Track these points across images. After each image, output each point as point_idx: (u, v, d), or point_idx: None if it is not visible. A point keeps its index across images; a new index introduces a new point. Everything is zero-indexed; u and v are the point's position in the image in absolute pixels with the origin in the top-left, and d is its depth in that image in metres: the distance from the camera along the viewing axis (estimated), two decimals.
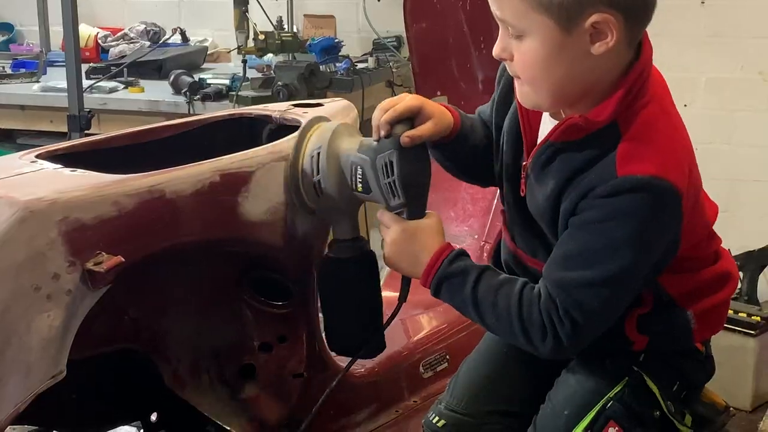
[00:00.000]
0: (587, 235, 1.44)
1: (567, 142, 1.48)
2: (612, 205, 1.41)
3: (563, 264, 1.47)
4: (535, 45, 1.43)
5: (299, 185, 1.68)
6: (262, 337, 1.83)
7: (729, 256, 1.66)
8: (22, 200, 1.41)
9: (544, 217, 1.53)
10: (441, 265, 1.54)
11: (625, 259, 1.43)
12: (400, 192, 1.56)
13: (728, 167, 3.85)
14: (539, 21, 1.41)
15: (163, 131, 1.86)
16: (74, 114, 3.42)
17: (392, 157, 1.55)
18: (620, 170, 1.41)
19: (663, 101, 1.50)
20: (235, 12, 3.86)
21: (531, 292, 1.49)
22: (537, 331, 1.48)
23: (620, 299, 1.48)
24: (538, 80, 1.46)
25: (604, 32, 1.40)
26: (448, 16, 2.58)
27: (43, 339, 1.41)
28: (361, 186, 1.61)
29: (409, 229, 1.58)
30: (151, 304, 1.71)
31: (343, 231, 1.71)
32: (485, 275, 1.53)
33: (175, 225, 1.56)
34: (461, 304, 1.55)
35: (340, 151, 1.64)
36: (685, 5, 3.83)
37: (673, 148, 1.46)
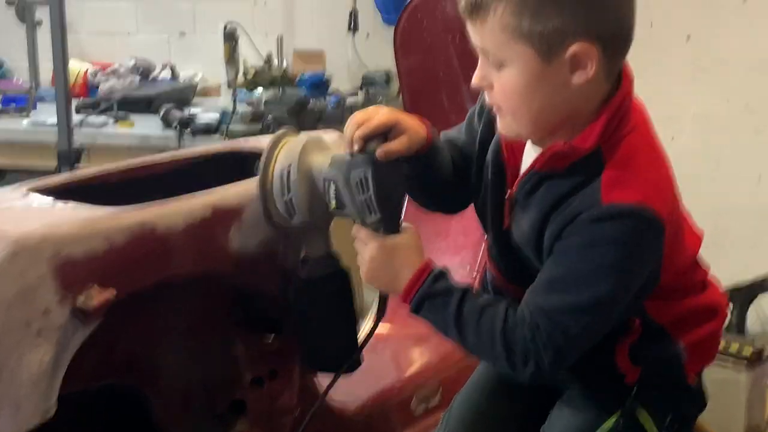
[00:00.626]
0: (571, 260, 1.44)
1: (551, 171, 1.49)
2: (596, 232, 1.42)
3: (546, 288, 1.47)
4: (515, 74, 1.44)
5: (268, 205, 1.64)
6: (253, 371, 1.82)
7: (717, 287, 1.67)
8: (13, 235, 1.41)
9: (529, 245, 1.53)
10: (424, 283, 1.52)
11: (607, 286, 1.43)
12: (376, 208, 1.53)
13: (715, 200, 3.86)
14: (520, 51, 1.42)
15: (155, 165, 1.87)
16: (64, 149, 3.42)
17: (367, 174, 1.52)
18: (605, 197, 1.42)
19: (645, 130, 1.51)
20: (225, 47, 3.88)
21: (514, 316, 1.48)
22: (520, 354, 1.47)
23: (601, 325, 1.48)
24: (518, 109, 1.47)
25: (584, 63, 1.42)
26: (438, 50, 2.59)
27: (34, 374, 1.41)
28: (335, 202, 1.57)
29: (388, 245, 1.55)
30: (142, 339, 1.70)
31: (316, 248, 1.68)
32: (469, 295, 1.52)
33: (166, 259, 1.56)
34: (442, 323, 1.53)
35: (312, 167, 1.60)
36: (671, 40, 3.86)
37: (656, 176, 1.47)
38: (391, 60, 3.03)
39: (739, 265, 3.73)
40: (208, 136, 3.65)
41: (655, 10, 3.74)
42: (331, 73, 4.11)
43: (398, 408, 2.13)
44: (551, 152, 1.47)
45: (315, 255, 1.68)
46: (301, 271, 1.68)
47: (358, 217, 1.56)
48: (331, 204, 1.58)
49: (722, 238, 3.92)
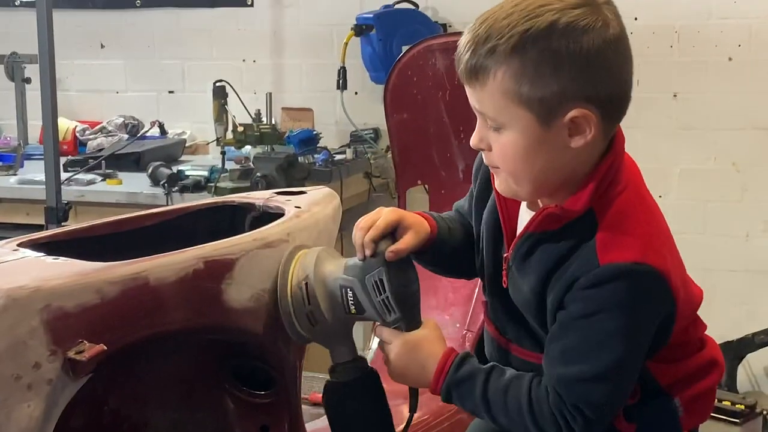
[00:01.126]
0: (578, 329, 1.45)
1: (546, 233, 1.49)
2: (597, 297, 1.42)
3: (561, 360, 1.47)
4: (515, 138, 1.45)
5: (292, 318, 1.65)
6: (243, 428, 1.79)
7: (714, 343, 1.67)
8: (3, 288, 1.39)
9: (530, 309, 1.53)
10: (449, 371, 1.54)
11: (619, 350, 1.43)
12: (394, 307, 1.56)
13: (702, 257, 3.87)
14: (519, 115, 1.43)
15: (145, 219, 1.86)
16: (52, 206, 3.41)
17: (381, 275, 1.55)
18: (602, 259, 1.42)
19: (637, 188, 1.52)
20: (214, 104, 3.90)
21: (538, 390, 1.49)
22: (551, 427, 1.48)
23: (623, 387, 1.49)
24: (518, 172, 1.48)
25: (582, 127, 1.43)
26: (428, 106, 2.61)
27: (23, 429, 1.38)
28: (354, 308, 1.60)
29: (411, 341, 1.57)
30: (132, 394, 1.68)
31: (341, 354, 1.69)
32: (492, 376, 1.53)
33: (158, 312, 1.54)
34: (473, 407, 1.55)
35: (327, 276, 1.63)
36: (658, 98, 3.90)
37: (650, 233, 1.48)
38: (380, 118, 3.06)
39: (728, 323, 3.74)
40: (196, 193, 3.65)
41: (642, 69, 3.75)
42: (320, 130, 4.13)
43: None
44: (544, 214, 1.48)
45: (341, 360, 1.69)
46: (330, 378, 1.70)
47: (378, 318, 1.59)
48: (351, 310, 1.60)
49: (710, 296, 3.86)
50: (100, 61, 4.73)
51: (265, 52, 4.49)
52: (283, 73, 4.47)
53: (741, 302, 3.94)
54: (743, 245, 3.94)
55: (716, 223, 3.95)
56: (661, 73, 3.87)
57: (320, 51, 4.38)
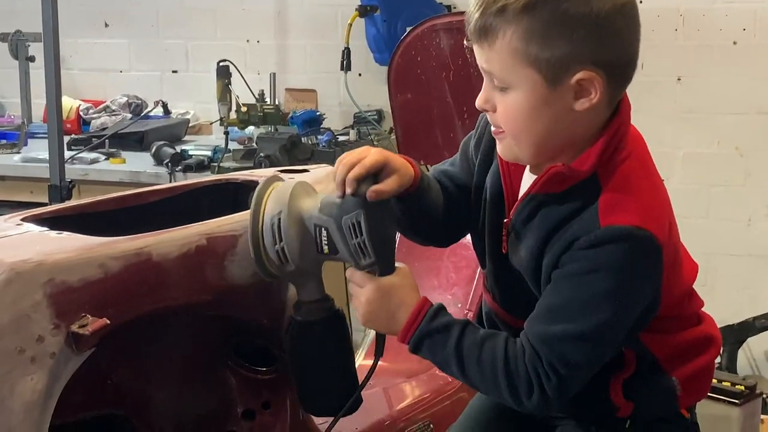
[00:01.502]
0: (570, 288, 1.44)
1: (549, 195, 1.49)
2: (594, 257, 1.42)
3: (546, 318, 1.47)
4: (520, 98, 1.45)
5: (261, 255, 1.60)
6: (245, 403, 1.80)
7: (712, 321, 1.67)
8: (7, 261, 1.40)
9: (527, 271, 1.53)
10: (422, 321, 1.52)
11: (607, 312, 1.43)
12: (370, 251, 1.53)
13: (705, 241, 3.88)
14: (526, 75, 1.43)
15: (149, 196, 1.86)
16: (55, 184, 3.42)
17: (359, 218, 1.51)
18: (603, 221, 1.43)
19: (642, 157, 1.52)
20: (218, 84, 3.90)
21: (515, 347, 1.48)
22: (523, 385, 1.47)
23: (603, 352, 1.48)
24: (520, 133, 1.48)
25: (588, 89, 1.43)
26: (432, 86, 2.60)
27: (26, 402, 1.39)
28: (328, 248, 1.56)
29: (383, 286, 1.55)
30: (135, 369, 1.69)
31: (309, 292, 1.66)
32: (468, 330, 1.52)
33: (161, 288, 1.55)
34: (442, 360, 1.52)
35: (302, 212, 1.58)
36: (662, 82, 3.90)
37: (652, 201, 1.48)
38: (383, 99, 3.05)
39: (729, 307, 3.74)
40: (199, 173, 3.65)
41: (647, 52, 3.75)
42: (323, 111, 4.13)
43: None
44: (550, 173, 1.47)
45: (308, 299, 1.66)
46: (295, 316, 1.67)
47: (351, 260, 1.56)
48: (324, 249, 1.57)
49: (712, 281, 3.93)
50: (104, 40, 4.73)
51: (269, 33, 4.48)
52: (287, 53, 4.47)
53: (742, 286, 3.94)
54: (745, 230, 3.94)
55: (719, 207, 3.95)
56: (665, 57, 3.87)
57: (324, 32, 4.37)
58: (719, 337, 1.67)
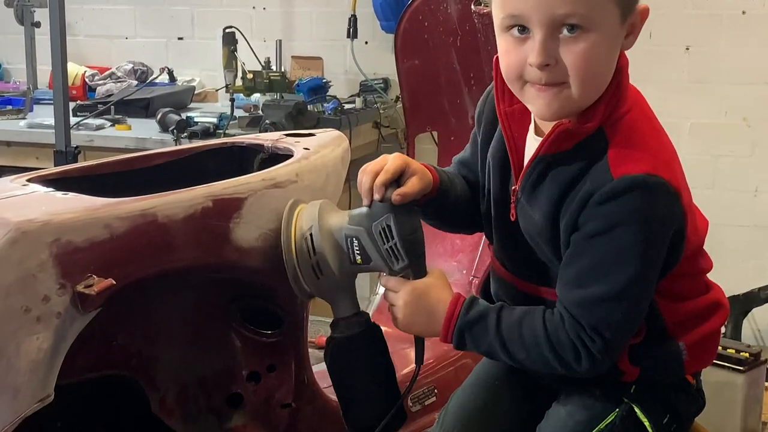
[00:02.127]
0: (594, 249, 1.44)
1: (557, 155, 1.48)
2: (612, 211, 1.42)
3: (577, 282, 1.47)
4: (599, 38, 1.42)
5: (296, 272, 1.62)
6: (250, 366, 1.81)
7: (719, 288, 1.67)
8: (13, 221, 1.40)
9: (542, 235, 1.52)
10: (459, 315, 1.54)
11: (636, 265, 1.43)
12: (402, 254, 1.55)
13: (711, 212, 3.81)
14: (609, 11, 1.42)
15: (155, 158, 1.86)
16: (61, 150, 3.42)
17: (389, 221, 1.54)
18: (615, 172, 1.42)
19: (643, 108, 1.52)
20: (224, 51, 3.89)
21: (553, 318, 1.49)
22: (570, 353, 1.48)
23: (641, 306, 1.48)
24: (594, 77, 1.45)
25: (637, 27, 1.45)
26: (439, 53, 2.58)
27: (32, 361, 1.40)
28: (360, 257, 1.58)
29: (419, 288, 1.57)
30: (140, 331, 1.69)
31: (344, 308, 1.67)
32: (504, 313, 1.53)
33: (166, 249, 1.55)
34: (489, 348, 1.54)
35: (332, 226, 1.61)
36: (670, 52, 3.88)
37: (660, 149, 1.48)
38: (389, 67, 3.04)
39: (735, 278, 3.73)
40: (205, 140, 3.64)
41: (655, 22, 3.73)
42: (329, 79, 4.12)
43: None
44: (558, 131, 1.47)
45: (345, 315, 1.67)
46: (334, 334, 1.68)
47: (385, 267, 1.58)
48: (357, 259, 1.59)
49: (718, 251, 3.89)
50: (109, 6, 4.71)
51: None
52: (294, 20, 4.45)
53: (749, 257, 3.94)
54: (752, 200, 3.93)
55: (726, 178, 3.94)
56: (673, 26, 3.84)
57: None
58: (727, 304, 1.67)
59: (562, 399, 1.64)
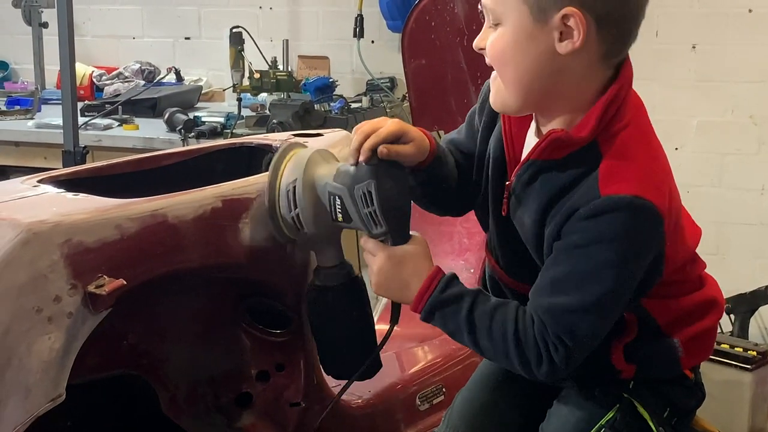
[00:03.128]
0: (571, 259, 1.45)
1: (549, 162, 1.49)
2: (594, 228, 1.42)
3: (550, 290, 1.47)
4: (509, 31, 1.46)
5: (278, 220, 1.64)
6: (259, 365, 1.82)
7: (714, 283, 1.67)
8: (25, 222, 1.41)
9: (529, 239, 1.53)
10: (434, 291, 1.53)
11: (609, 282, 1.44)
12: (381, 220, 1.54)
13: (718, 210, 3.88)
14: (515, 6, 1.45)
15: (164, 159, 1.87)
16: (69, 150, 3.43)
17: (370, 188, 1.52)
18: (603, 190, 1.43)
19: (642, 125, 1.52)
20: (231, 50, 3.90)
21: (524, 317, 1.49)
22: (533, 355, 1.48)
23: (607, 321, 1.49)
24: (506, 69, 1.49)
25: (572, 31, 1.43)
26: (446, 52, 2.59)
27: (44, 361, 1.41)
28: (341, 216, 1.58)
29: (396, 255, 1.56)
30: (150, 331, 1.70)
31: (327, 258, 1.68)
32: (479, 300, 1.52)
33: (176, 249, 1.56)
34: (455, 329, 1.53)
35: (316, 180, 1.60)
36: (676, 50, 3.88)
37: (652, 170, 1.48)
38: (396, 66, 3.04)
39: (741, 276, 3.74)
40: (212, 140, 3.65)
41: (661, 20, 3.76)
42: (336, 78, 4.12)
43: (402, 405, 2.12)
44: (550, 139, 1.47)
45: (326, 265, 1.68)
46: (314, 282, 1.69)
47: (364, 229, 1.57)
48: (338, 217, 1.58)
49: (725, 249, 3.93)
50: (117, 6, 4.72)
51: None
52: (300, 20, 4.45)
53: (755, 255, 3.93)
54: (759, 198, 3.92)
55: (732, 176, 3.93)
56: (680, 24, 3.84)
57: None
58: (722, 299, 1.67)
59: (563, 397, 1.65)
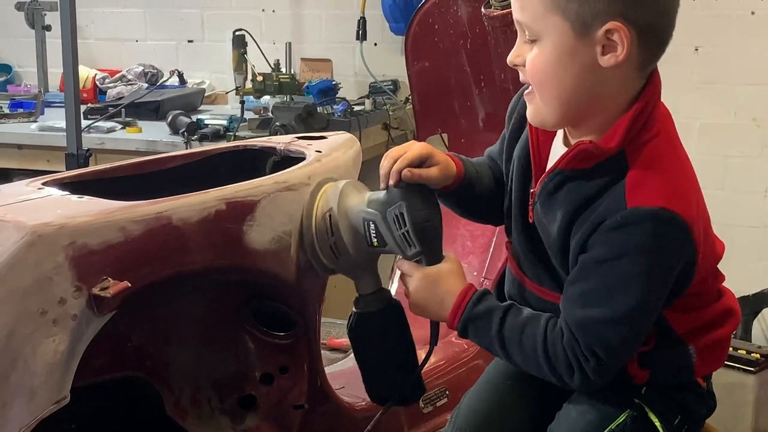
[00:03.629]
0: (600, 273, 1.45)
1: (575, 171, 1.49)
2: (622, 240, 1.42)
3: (580, 302, 1.48)
4: (549, 48, 1.44)
5: (315, 249, 1.70)
6: (263, 367, 1.82)
7: (731, 293, 1.67)
8: (29, 224, 1.42)
9: (554, 246, 1.53)
10: (466, 307, 1.56)
11: (639, 294, 1.44)
12: (414, 241, 1.58)
13: (721, 213, 3.83)
14: (555, 23, 1.43)
15: (168, 161, 1.87)
16: (72, 153, 3.43)
17: (402, 209, 1.57)
18: (630, 201, 1.42)
19: (670, 136, 1.51)
20: (234, 53, 3.90)
21: (554, 330, 1.51)
22: (563, 367, 1.50)
23: (640, 332, 1.50)
24: (546, 87, 1.47)
25: (615, 44, 1.42)
26: (449, 55, 2.59)
27: (48, 363, 1.41)
28: (377, 240, 1.63)
29: (431, 275, 1.59)
30: (155, 332, 1.71)
31: (365, 285, 1.73)
32: (510, 314, 1.55)
33: (181, 252, 1.56)
34: (488, 344, 1.57)
35: (350, 208, 1.66)
36: (679, 52, 3.86)
37: (680, 180, 1.47)
38: (399, 69, 3.04)
39: (745, 278, 3.72)
40: (215, 143, 3.65)
41: None
42: (338, 81, 4.12)
43: (406, 407, 2.12)
44: (577, 150, 1.47)
45: (366, 292, 1.73)
46: (355, 309, 1.74)
47: (399, 251, 1.61)
48: (373, 242, 1.63)
49: (728, 252, 3.87)
50: (119, 9, 4.72)
51: (284, 2, 4.46)
52: (303, 23, 4.45)
53: (759, 258, 3.93)
54: (762, 201, 3.92)
55: (735, 178, 3.93)
56: (682, 27, 3.78)
57: (340, 1, 4.35)
58: (738, 309, 1.67)
59: (572, 400, 1.65)
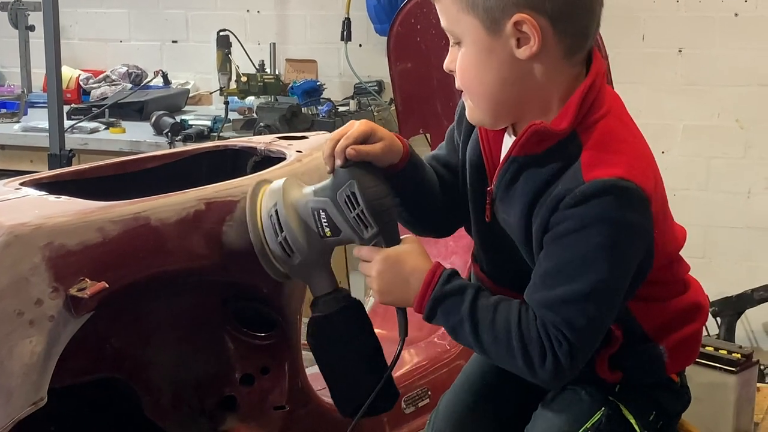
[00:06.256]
0: (562, 249, 1.43)
1: (529, 156, 1.48)
2: (582, 214, 1.40)
3: (543, 283, 1.45)
4: (469, 49, 1.46)
5: (266, 251, 1.59)
6: (243, 368, 1.81)
7: (699, 287, 1.66)
8: (6, 225, 1.41)
9: (518, 238, 1.52)
10: (436, 285, 1.49)
11: (603, 267, 1.41)
12: (370, 221, 1.51)
13: (705, 214, 3.89)
14: (469, 23, 1.44)
15: (148, 161, 1.87)
16: (55, 153, 3.42)
17: (353, 188, 1.49)
18: (587, 176, 1.41)
19: (620, 113, 1.51)
20: (218, 54, 3.90)
21: (528, 313, 1.46)
22: (536, 349, 1.44)
23: (606, 310, 1.46)
24: (472, 87, 1.48)
25: (528, 36, 1.42)
26: (432, 56, 2.58)
27: (25, 365, 1.40)
28: (329, 229, 1.54)
29: (392, 255, 1.52)
30: (134, 334, 1.69)
31: (321, 286, 1.63)
32: (482, 294, 1.50)
33: (159, 252, 1.55)
34: (457, 323, 1.49)
35: (296, 201, 1.57)
36: (662, 54, 3.88)
37: (636, 155, 1.47)
38: (383, 70, 3.03)
39: (728, 279, 3.75)
40: (199, 143, 3.64)
41: (648, 23, 3.76)
42: (323, 82, 4.13)
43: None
44: (531, 131, 1.46)
45: (322, 293, 1.63)
46: (313, 314, 1.63)
47: (355, 236, 1.53)
48: (326, 232, 1.54)
49: (712, 253, 3.94)
50: (103, 9, 4.71)
51: (269, 3, 4.46)
52: (288, 23, 4.45)
53: (742, 259, 3.95)
54: (745, 202, 3.94)
55: (719, 179, 3.94)
56: (666, 28, 3.85)
57: (325, 2, 4.36)
58: (707, 303, 1.66)
59: (548, 400, 1.64)
